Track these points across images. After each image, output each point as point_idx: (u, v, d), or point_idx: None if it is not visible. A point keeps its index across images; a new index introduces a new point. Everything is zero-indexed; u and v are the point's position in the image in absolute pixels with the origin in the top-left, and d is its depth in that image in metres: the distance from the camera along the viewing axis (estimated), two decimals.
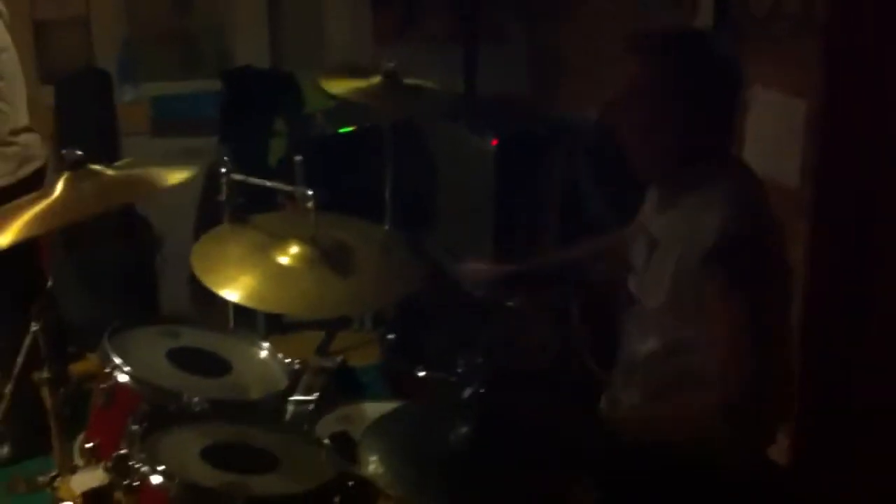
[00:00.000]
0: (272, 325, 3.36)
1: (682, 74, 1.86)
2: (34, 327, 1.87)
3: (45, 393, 1.88)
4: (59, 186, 1.82)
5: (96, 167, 1.86)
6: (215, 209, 2.99)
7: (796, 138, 2.73)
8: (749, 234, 1.81)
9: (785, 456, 2.49)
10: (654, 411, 1.91)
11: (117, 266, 3.76)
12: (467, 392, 1.64)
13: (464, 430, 1.58)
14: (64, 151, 1.79)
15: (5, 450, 3.03)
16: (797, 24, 2.82)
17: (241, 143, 4.03)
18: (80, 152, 1.80)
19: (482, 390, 1.62)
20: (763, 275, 1.82)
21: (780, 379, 1.87)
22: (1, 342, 3.17)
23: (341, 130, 4.19)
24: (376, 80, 3.16)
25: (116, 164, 1.92)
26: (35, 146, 3.09)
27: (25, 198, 1.88)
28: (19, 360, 1.97)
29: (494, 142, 3.50)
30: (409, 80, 3.17)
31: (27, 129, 3.08)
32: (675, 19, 3.29)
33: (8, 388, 2.18)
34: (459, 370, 1.96)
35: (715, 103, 1.89)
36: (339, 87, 3.21)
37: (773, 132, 2.79)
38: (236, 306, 2.72)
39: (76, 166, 1.80)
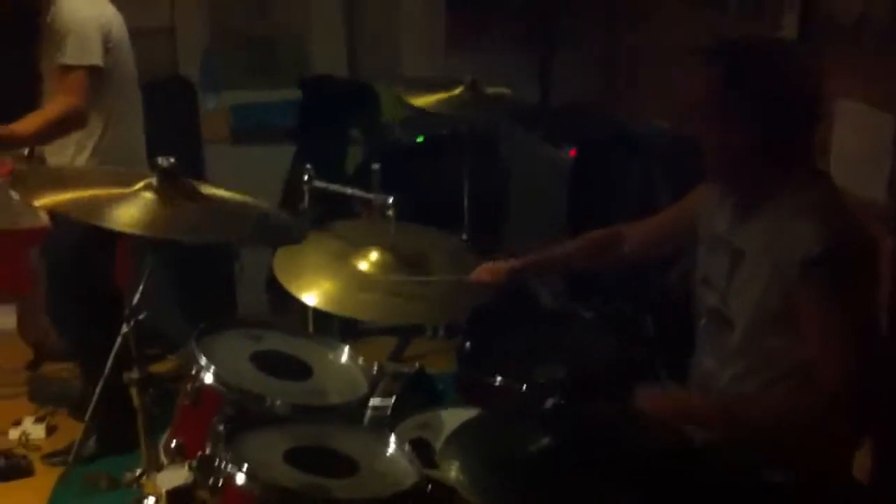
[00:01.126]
0: (346, 330, 3.39)
1: (754, 82, 1.84)
2: (125, 329, 1.92)
3: (135, 393, 1.93)
4: (140, 187, 1.85)
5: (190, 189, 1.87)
6: (293, 216, 3.04)
7: (884, 152, 2.68)
8: (849, 241, 1.80)
9: (866, 473, 2.43)
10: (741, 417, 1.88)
11: (197, 271, 3.83)
12: (549, 402, 1.64)
13: (545, 440, 1.58)
14: (159, 159, 1.83)
15: (90, 445, 3.11)
16: (885, 34, 2.76)
17: (319, 152, 4.09)
18: (171, 159, 1.83)
19: (564, 401, 1.62)
20: (861, 282, 1.80)
21: (871, 389, 1.85)
22: (77, 342, 3.28)
23: (418, 139, 4.23)
24: (458, 90, 3.20)
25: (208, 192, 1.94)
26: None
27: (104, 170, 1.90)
28: (110, 360, 2.02)
29: (573, 152, 3.50)
30: (490, 90, 3.21)
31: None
32: (759, 29, 3.25)
33: (98, 387, 2.24)
34: (540, 380, 1.96)
35: (790, 112, 1.86)
36: (422, 99, 3.26)
37: (859, 146, 2.74)
38: (315, 311, 2.78)
39: (168, 174, 1.83)
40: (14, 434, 3.36)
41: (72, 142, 3.09)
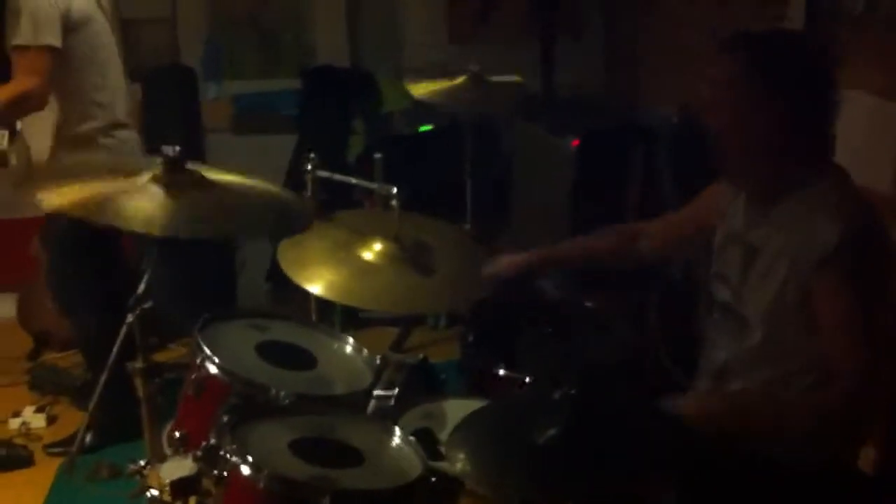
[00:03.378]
0: (347, 320, 3.39)
1: (776, 74, 1.83)
2: (130, 318, 1.90)
3: (139, 382, 1.92)
4: (147, 180, 1.82)
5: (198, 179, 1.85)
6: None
7: (890, 142, 2.67)
8: (866, 235, 1.80)
9: (870, 464, 2.43)
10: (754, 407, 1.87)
11: (199, 260, 3.82)
12: (557, 393, 1.63)
13: (553, 429, 1.58)
14: (163, 147, 1.81)
15: (88, 437, 3.10)
16: (890, 23, 2.75)
17: (320, 141, 4.08)
18: (178, 148, 1.81)
19: (573, 391, 1.61)
20: (878, 275, 1.79)
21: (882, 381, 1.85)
22: (79, 328, 3.26)
23: (421, 129, 4.21)
24: (461, 80, 3.18)
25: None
26: (132, 143, 3.18)
27: (112, 164, 1.87)
28: (115, 348, 2.01)
29: (575, 142, 3.49)
30: (493, 78, 3.19)
31: (125, 126, 3.17)
32: (764, 18, 3.24)
33: (103, 377, 2.23)
34: (548, 370, 1.95)
35: (808, 104, 1.85)
36: (425, 90, 3.24)
37: (865, 136, 2.73)
38: (316, 301, 2.76)
39: (173, 164, 1.81)
40: (14, 424, 3.36)
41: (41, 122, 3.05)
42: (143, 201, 1.77)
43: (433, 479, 1.76)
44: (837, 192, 1.85)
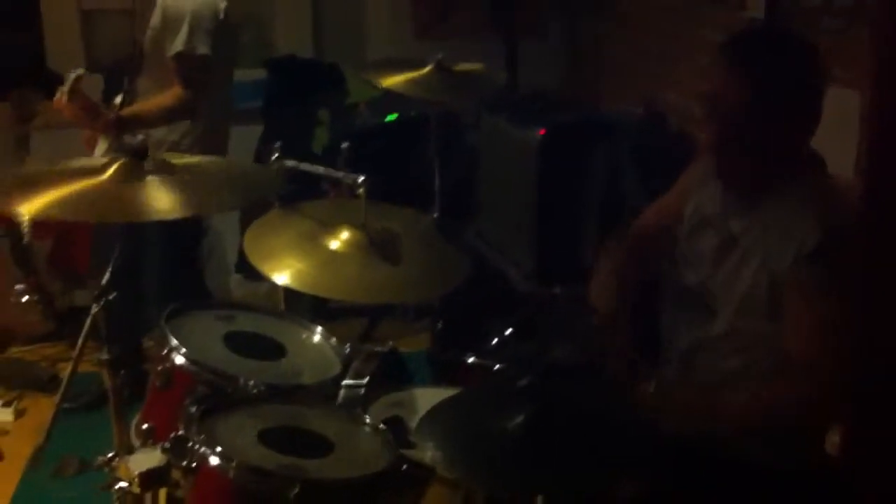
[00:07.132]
0: (316, 311, 3.38)
1: (777, 74, 1.82)
2: (94, 309, 1.89)
3: (105, 374, 1.91)
4: (112, 172, 1.81)
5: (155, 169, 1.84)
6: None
7: (850, 130, 2.70)
8: (845, 236, 1.81)
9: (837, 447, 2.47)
10: (719, 402, 1.89)
11: (164, 252, 3.78)
12: (524, 380, 1.64)
13: (521, 417, 1.59)
14: (126, 137, 1.80)
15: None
16: (849, 15, 2.79)
17: (286, 132, 4.06)
18: (140, 137, 1.80)
19: (539, 378, 1.63)
20: (855, 273, 1.82)
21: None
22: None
23: (386, 119, 4.21)
24: (427, 70, 3.18)
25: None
26: None
27: (75, 163, 1.88)
28: (79, 342, 2.00)
29: (542, 132, 3.49)
30: (459, 67, 3.20)
31: None
32: (725, 11, 3.26)
33: (67, 370, 2.21)
34: (516, 359, 1.96)
35: (806, 102, 1.86)
36: (389, 80, 3.24)
37: (826, 124, 2.77)
38: (285, 293, 2.75)
39: (137, 153, 1.80)
40: None
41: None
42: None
43: (404, 466, 1.77)
44: (819, 187, 1.87)
